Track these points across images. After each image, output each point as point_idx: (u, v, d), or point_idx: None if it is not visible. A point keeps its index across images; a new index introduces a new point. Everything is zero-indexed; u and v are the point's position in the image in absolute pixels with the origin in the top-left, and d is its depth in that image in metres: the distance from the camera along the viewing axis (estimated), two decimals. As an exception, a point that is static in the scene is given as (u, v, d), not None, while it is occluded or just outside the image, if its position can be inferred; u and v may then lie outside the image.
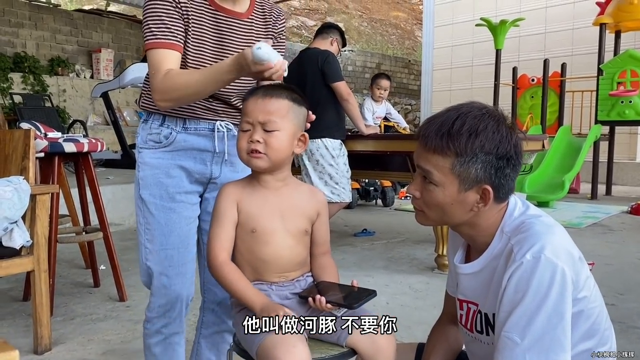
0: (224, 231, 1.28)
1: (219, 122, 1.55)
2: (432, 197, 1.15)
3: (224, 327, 1.68)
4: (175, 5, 1.44)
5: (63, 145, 2.86)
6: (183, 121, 1.52)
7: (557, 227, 1.16)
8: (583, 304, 1.11)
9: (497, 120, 1.13)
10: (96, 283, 3.34)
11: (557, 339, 1.04)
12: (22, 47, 9.33)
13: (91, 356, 2.31)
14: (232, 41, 1.52)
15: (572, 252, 1.11)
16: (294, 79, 3.78)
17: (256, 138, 1.25)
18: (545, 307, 1.04)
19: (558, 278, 1.05)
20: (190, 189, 1.57)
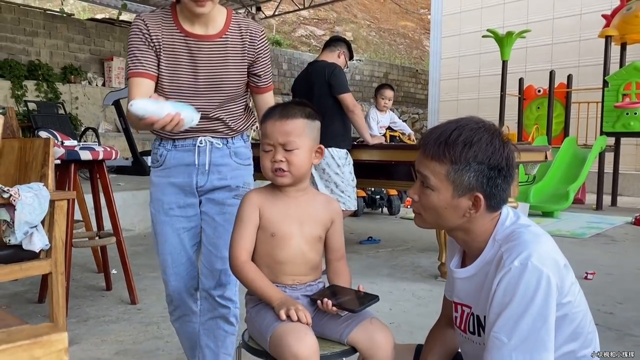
0: (246, 234, 1.40)
1: (200, 138, 1.74)
2: (429, 201, 1.25)
3: (217, 314, 1.83)
4: (145, 39, 1.65)
5: (79, 153, 2.98)
6: (173, 141, 1.75)
7: (545, 236, 1.24)
8: (567, 308, 1.20)
9: (491, 134, 1.23)
10: (108, 286, 3.44)
11: (541, 340, 1.12)
12: (36, 55, 9.53)
13: (105, 356, 2.41)
14: (205, 62, 1.68)
15: (558, 259, 1.19)
16: (302, 90, 3.90)
17: (278, 158, 1.36)
18: (530, 310, 1.12)
19: (543, 283, 1.13)
20: (184, 203, 1.79)
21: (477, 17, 11.84)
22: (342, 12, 21.22)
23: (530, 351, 1.12)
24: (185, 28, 1.67)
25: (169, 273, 1.84)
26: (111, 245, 3.27)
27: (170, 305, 1.92)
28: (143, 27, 1.66)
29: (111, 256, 3.50)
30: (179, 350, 2.42)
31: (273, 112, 1.41)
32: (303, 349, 1.19)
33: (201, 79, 1.70)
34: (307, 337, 1.21)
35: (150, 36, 1.66)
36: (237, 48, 1.71)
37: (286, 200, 1.42)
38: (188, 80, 1.69)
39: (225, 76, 1.72)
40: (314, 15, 19.72)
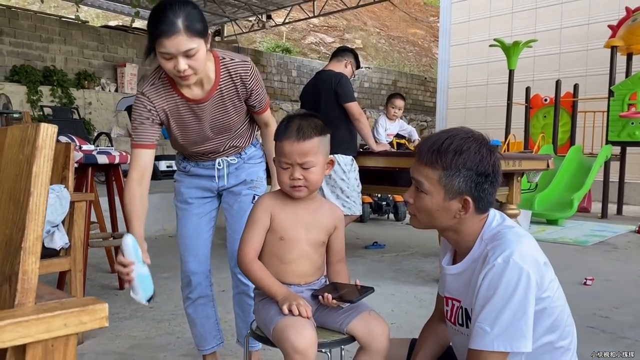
0: (255, 235, 1.52)
1: (218, 160, 2.05)
2: (422, 204, 1.37)
3: (240, 290, 2.09)
4: (150, 113, 1.83)
5: (97, 157, 3.13)
6: (195, 161, 2.07)
7: (527, 237, 1.36)
8: (546, 302, 1.31)
9: (479, 143, 1.35)
10: (121, 286, 3.58)
11: (520, 330, 1.24)
12: (51, 61, 9.75)
13: (119, 349, 2.55)
14: (209, 116, 1.90)
15: (538, 258, 1.31)
16: (309, 98, 4.04)
17: (297, 176, 1.48)
18: (511, 303, 1.24)
19: (523, 279, 1.25)
20: (201, 195, 2.10)
21: (486, 26, 11.94)
22: (352, 19, 21.39)
23: (510, 339, 1.24)
24: (184, 94, 1.83)
25: (187, 254, 2.08)
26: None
27: (188, 287, 2.11)
28: (147, 103, 1.82)
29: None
30: (189, 346, 2.55)
31: (289, 132, 1.47)
32: (301, 341, 1.31)
33: (208, 128, 1.93)
34: (306, 331, 1.33)
35: (156, 109, 1.83)
36: (231, 92, 1.88)
37: (296, 207, 1.54)
38: (197, 132, 1.93)
39: (229, 119, 1.94)
40: (323, 23, 19.91)
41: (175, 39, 1.60)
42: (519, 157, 4.14)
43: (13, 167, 0.81)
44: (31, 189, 0.74)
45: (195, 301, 2.14)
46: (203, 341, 2.18)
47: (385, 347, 1.44)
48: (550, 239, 5.68)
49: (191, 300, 2.14)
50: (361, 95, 14.58)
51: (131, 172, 1.83)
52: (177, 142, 1.99)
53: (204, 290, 2.14)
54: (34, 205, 0.74)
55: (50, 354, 0.71)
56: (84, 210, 2.59)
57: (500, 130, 9.17)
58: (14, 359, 0.70)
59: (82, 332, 2.48)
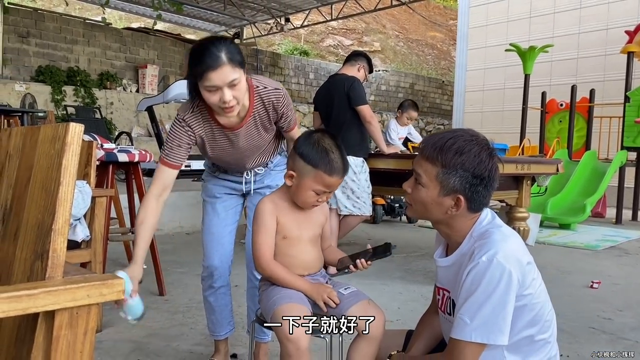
0: (268, 238, 1.65)
1: (246, 172, 2.20)
2: (418, 195, 1.46)
3: (256, 284, 2.13)
4: (188, 136, 1.95)
5: (117, 155, 3.28)
6: (225, 171, 2.22)
7: (513, 237, 1.44)
8: (527, 299, 1.39)
9: (480, 147, 1.42)
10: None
11: (497, 324, 1.33)
12: (75, 62, 10.01)
13: (135, 338, 2.68)
14: (243, 140, 2.02)
15: (521, 258, 1.38)
16: (323, 101, 4.15)
17: (323, 200, 1.66)
18: (491, 299, 1.33)
19: (505, 278, 1.33)
20: (228, 191, 2.26)
21: (503, 30, 11.96)
22: (371, 22, 21.47)
23: (487, 332, 1.32)
24: (221, 122, 1.94)
25: (212, 246, 2.21)
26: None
27: (211, 278, 2.23)
28: (187, 129, 1.94)
29: (142, 252, 3.78)
30: (201, 336, 2.68)
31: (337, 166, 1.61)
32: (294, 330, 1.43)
33: (242, 150, 2.06)
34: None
35: (194, 135, 1.96)
36: (263, 118, 2.00)
37: (294, 208, 1.68)
38: (230, 154, 2.07)
39: (261, 141, 2.07)
40: (342, 26, 20.01)
41: (220, 70, 1.70)
42: (527, 161, 4.21)
43: (45, 160, 0.94)
44: (61, 179, 0.87)
45: (217, 290, 2.25)
46: (219, 327, 2.31)
47: (381, 333, 1.55)
48: (561, 243, 5.71)
49: (214, 289, 2.25)
50: (378, 98, 14.66)
51: (153, 186, 1.93)
52: (209, 157, 2.15)
53: (226, 279, 2.27)
54: (63, 193, 0.87)
55: (75, 319, 0.83)
56: (104, 205, 2.73)
57: (516, 135, 9.19)
58: (45, 322, 0.83)
59: (101, 319, 2.60)
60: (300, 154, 1.61)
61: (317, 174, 1.59)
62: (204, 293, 2.29)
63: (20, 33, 9.41)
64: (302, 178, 1.61)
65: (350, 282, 1.77)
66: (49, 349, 0.82)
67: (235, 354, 2.46)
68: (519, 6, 11.81)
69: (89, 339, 0.85)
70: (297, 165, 1.61)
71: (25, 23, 9.49)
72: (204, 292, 2.29)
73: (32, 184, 0.97)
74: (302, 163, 1.60)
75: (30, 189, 0.98)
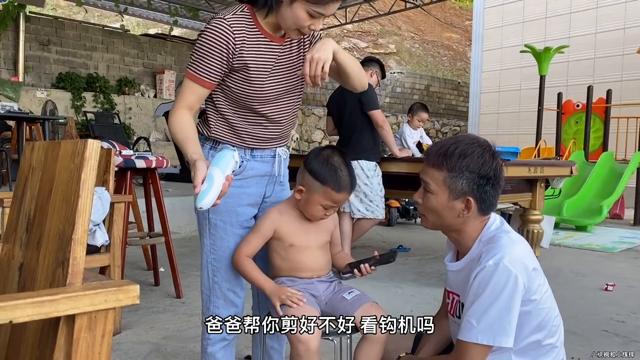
0: (255, 241, 1.72)
1: (279, 149, 1.81)
2: (429, 203, 1.50)
3: None
4: (228, 46, 1.58)
5: (135, 162, 3.36)
6: (251, 150, 1.74)
7: (520, 243, 1.47)
8: (533, 304, 1.43)
9: (483, 148, 1.47)
10: (156, 282, 3.81)
11: (503, 327, 1.37)
12: (94, 68, 10.20)
13: (153, 339, 2.76)
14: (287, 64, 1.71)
15: (527, 263, 1.42)
16: (335, 106, 4.21)
17: (331, 212, 1.73)
18: (497, 302, 1.37)
19: (511, 282, 1.37)
20: (249, 215, 1.80)
21: (519, 31, 11.90)
22: (386, 24, 21.45)
23: (493, 335, 1.36)
24: (268, 32, 1.65)
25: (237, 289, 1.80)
26: (160, 246, 3.64)
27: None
28: (228, 32, 1.57)
29: (159, 256, 3.87)
30: (217, 338, 2.74)
31: (345, 184, 1.66)
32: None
33: (283, 82, 1.71)
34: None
35: (235, 43, 1.59)
36: (307, 45, 1.75)
37: (302, 218, 1.75)
38: (273, 83, 1.68)
39: (295, 83, 1.75)
40: (357, 28, 20.03)
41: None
42: (541, 164, 4.21)
43: (65, 174, 1.01)
44: (80, 191, 0.93)
45: (230, 342, 1.84)
46: None
47: (384, 335, 1.59)
48: (576, 245, 5.68)
49: (227, 342, 1.82)
50: (393, 100, 14.66)
51: (179, 102, 1.63)
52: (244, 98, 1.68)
53: None
54: (82, 205, 0.93)
55: (94, 323, 0.90)
56: (122, 211, 2.82)
57: (532, 136, 9.14)
58: (66, 326, 0.89)
59: (120, 321, 2.69)
60: (309, 171, 1.67)
61: (325, 190, 1.65)
62: (210, 348, 1.81)
63: (42, 41, 9.62)
64: (311, 193, 1.67)
65: (363, 286, 1.82)
66: (70, 351, 0.88)
67: (249, 356, 2.52)
68: (534, 6, 11.75)
69: (106, 341, 0.92)
70: (306, 181, 1.68)
71: (46, 31, 9.70)
72: (210, 346, 1.80)
73: (54, 196, 1.04)
74: (312, 179, 1.66)
75: (52, 200, 1.05)
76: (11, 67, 9.21)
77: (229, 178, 1.45)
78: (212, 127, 1.73)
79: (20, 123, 5.98)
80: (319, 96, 13.33)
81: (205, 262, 1.80)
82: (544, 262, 4.64)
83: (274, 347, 1.98)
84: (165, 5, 10.62)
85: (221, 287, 1.78)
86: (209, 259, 1.79)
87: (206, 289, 1.82)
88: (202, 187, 1.41)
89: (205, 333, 1.79)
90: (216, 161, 1.47)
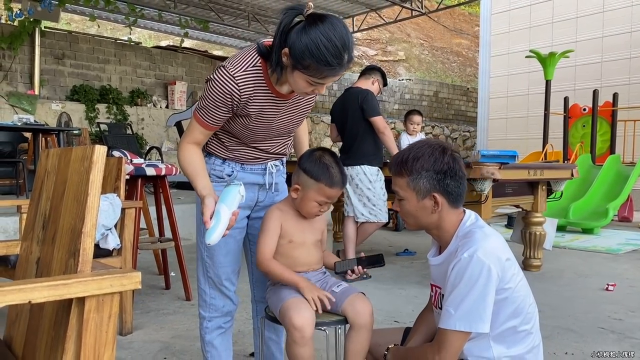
0: (270, 241, 1.84)
1: (269, 163, 1.95)
2: (404, 208, 1.63)
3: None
4: (232, 101, 1.68)
5: (145, 170, 3.51)
6: (241, 164, 1.89)
7: (494, 236, 1.59)
8: (508, 292, 1.53)
9: (432, 148, 1.60)
10: (167, 286, 3.95)
11: (479, 314, 1.47)
12: (107, 80, 10.44)
13: (164, 338, 2.89)
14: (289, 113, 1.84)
15: (500, 255, 1.53)
16: (338, 113, 4.33)
17: (325, 209, 1.84)
18: (472, 291, 1.47)
19: (484, 272, 1.48)
20: (242, 216, 1.94)
21: (526, 36, 11.96)
22: (395, 31, 21.58)
23: (470, 322, 1.47)
24: (276, 89, 1.73)
25: (227, 283, 1.95)
26: (170, 252, 3.77)
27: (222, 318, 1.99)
28: (235, 91, 1.66)
29: (170, 261, 4.01)
30: (224, 337, 2.86)
31: (336, 180, 1.79)
32: (300, 320, 1.62)
33: (282, 125, 1.85)
34: (304, 312, 1.64)
35: (240, 99, 1.68)
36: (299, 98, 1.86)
37: (299, 217, 1.88)
38: (268, 128, 1.81)
39: (299, 120, 1.92)
40: (366, 36, 20.20)
41: (338, 76, 1.60)
42: (541, 167, 4.30)
43: (76, 176, 1.14)
44: (89, 191, 1.06)
45: (226, 330, 2.02)
46: None
47: (368, 322, 1.71)
48: (582, 247, 5.74)
49: (223, 330, 2.01)
50: (402, 107, 14.75)
51: (188, 137, 1.75)
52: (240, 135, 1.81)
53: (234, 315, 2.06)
54: (90, 203, 1.06)
55: (101, 305, 1.02)
56: (133, 216, 2.96)
57: (540, 140, 9.19)
58: (77, 308, 1.02)
59: (131, 322, 2.82)
60: (304, 170, 1.81)
61: (319, 186, 1.78)
62: (208, 336, 1.99)
63: (56, 55, 9.88)
64: (306, 191, 1.80)
65: (367, 287, 1.94)
66: (81, 329, 1.01)
67: (253, 353, 2.64)
68: (541, 12, 11.81)
69: (112, 322, 1.04)
70: (301, 179, 1.81)
71: (60, 45, 9.96)
72: (207, 334, 1.99)
73: (66, 196, 1.17)
74: (306, 177, 1.80)
75: (64, 200, 1.18)
76: (27, 80, 9.47)
77: (235, 213, 1.59)
78: (210, 143, 1.89)
79: (37, 134, 6.18)
80: (328, 104, 13.48)
81: (200, 258, 1.97)
82: (548, 264, 4.73)
83: (272, 338, 2.10)
84: (176, 18, 10.85)
85: (214, 281, 1.95)
86: (203, 256, 1.95)
87: (201, 283, 1.98)
88: (211, 223, 1.55)
89: (204, 323, 1.99)
90: (223, 197, 1.59)
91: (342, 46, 1.51)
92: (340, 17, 1.65)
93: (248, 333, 2.93)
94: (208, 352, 2.01)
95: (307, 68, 1.54)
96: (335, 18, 1.55)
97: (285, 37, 1.55)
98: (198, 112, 1.73)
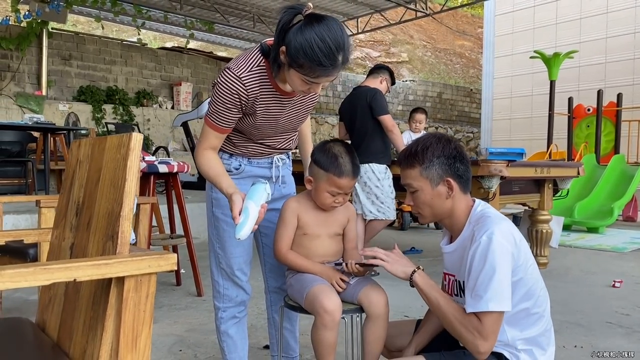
0: (287, 233, 1.89)
1: (276, 157, 2.00)
2: (419, 200, 1.68)
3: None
4: (240, 101, 1.73)
5: (158, 167, 3.56)
6: (248, 158, 1.95)
7: (505, 220, 1.64)
8: (522, 272, 1.58)
9: (438, 138, 1.68)
10: (178, 282, 4.00)
11: (506, 293, 1.52)
12: (114, 81, 10.51)
13: (177, 332, 2.93)
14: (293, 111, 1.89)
15: (515, 235, 1.59)
16: (347, 112, 4.38)
17: (340, 200, 1.86)
18: (498, 271, 1.52)
19: (505, 252, 1.53)
20: None
21: (530, 37, 12.00)
22: (399, 33, 21.63)
23: (499, 301, 1.51)
24: (280, 87, 1.77)
25: (239, 274, 1.98)
26: (181, 250, 3.82)
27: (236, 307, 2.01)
28: (242, 91, 1.71)
29: (181, 259, 4.06)
30: (237, 330, 2.91)
31: (345, 170, 1.80)
32: (330, 303, 1.66)
33: (287, 122, 1.90)
34: (333, 296, 1.69)
35: (248, 98, 1.73)
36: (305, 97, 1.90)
37: (317, 209, 1.91)
38: (274, 125, 1.87)
39: (304, 117, 1.96)
40: (369, 38, 20.25)
41: (333, 76, 1.63)
42: (547, 165, 4.34)
43: (112, 163, 1.19)
44: (126, 176, 1.11)
45: (241, 320, 2.05)
46: None
47: (383, 312, 1.75)
48: (587, 245, 5.77)
49: (237, 320, 2.04)
50: (406, 108, 14.80)
51: (203, 144, 1.79)
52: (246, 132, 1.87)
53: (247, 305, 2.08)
54: (128, 187, 1.11)
55: (139, 284, 1.07)
56: (148, 212, 3.01)
57: (544, 141, 9.22)
58: (116, 287, 1.07)
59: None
60: (314, 161, 1.86)
61: (328, 177, 1.82)
62: (223, 326, 2.03)
63: (63, 56, 9.95)
64: (317, 182, 1.85)
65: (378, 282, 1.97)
66: (120, 308, 1.06)
67: (268, 345, 2.68)
68: (545, 13, 11.85)
69: (150, 301, 1.09)
70: (313, 170, 1.86)
71: (67, 46, 10.03)
72: (222, 324, 2.03)
73: (102, 182, 1.22)
74: (317, 168, 1.84)
75: (100, 186, 1.23)
76: (35, 81, 9.55)
77: (263, 206, 1.64)
78: (234, 136, 1.92)
79: (45, 134, 6.24)
80: (332, 105, 13.53)
81: (212, 250, 2.01)
82: (555, 262, 4.76)
83: (287, 327, 2.15)
84: (182, 20, 10.92)
85: (227, 271, 1.99)
86: (215, 248, 2.00)
87: (215, 275, 2.02)
88: (240, 219, 1.60)
89: (218, 313, 2.03)
90: (250, 195, 1.64)
91: (336, 47, 1.55)
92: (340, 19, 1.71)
93: (260, 327, 2.98)
94: (224, 342, 2.05)
95: (302, 67, 1.57)
96: (332, 19, 1.59)
97: (283, 36, 1.59)
98: (209, 117, 1.77)
